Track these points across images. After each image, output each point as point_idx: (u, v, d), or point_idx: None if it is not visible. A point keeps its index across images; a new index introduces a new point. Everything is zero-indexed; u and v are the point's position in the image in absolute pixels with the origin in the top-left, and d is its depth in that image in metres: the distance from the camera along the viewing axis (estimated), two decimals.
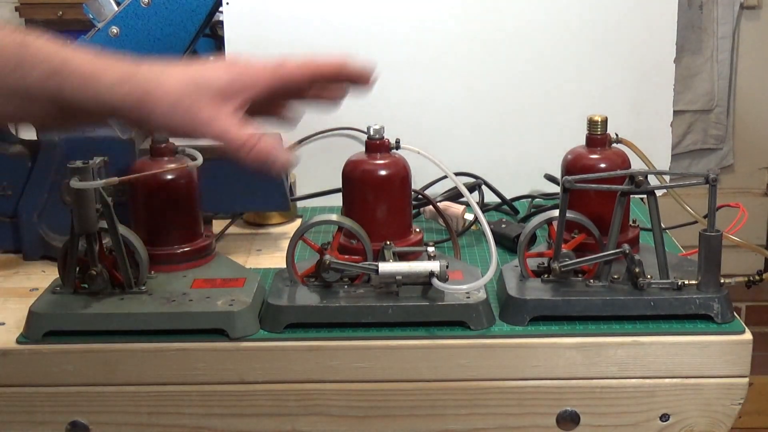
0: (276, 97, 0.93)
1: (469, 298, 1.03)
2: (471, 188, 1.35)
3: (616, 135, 1.16)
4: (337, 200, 1.25)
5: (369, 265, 1.04)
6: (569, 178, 1.06)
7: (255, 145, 0.87)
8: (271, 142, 0.87)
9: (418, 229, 1.15)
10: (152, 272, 1.10)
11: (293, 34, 1.44)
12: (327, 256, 1.05)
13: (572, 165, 1.14)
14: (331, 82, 0.94)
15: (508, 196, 1.43)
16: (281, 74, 0.90)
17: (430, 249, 1.08)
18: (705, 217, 1.07)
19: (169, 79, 0.85)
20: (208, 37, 1.70)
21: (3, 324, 1.07)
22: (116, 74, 0.85)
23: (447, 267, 1.03)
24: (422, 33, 1.45)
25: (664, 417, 1.04)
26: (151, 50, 1.59)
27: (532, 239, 1.14)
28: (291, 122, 0.95)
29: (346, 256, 1.08)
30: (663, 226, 1.13)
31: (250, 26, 1.43)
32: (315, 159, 1.46)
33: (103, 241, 1.06)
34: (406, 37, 1.44)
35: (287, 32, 1.44)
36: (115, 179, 1.04)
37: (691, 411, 1.03)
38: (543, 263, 1.09)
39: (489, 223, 1.08)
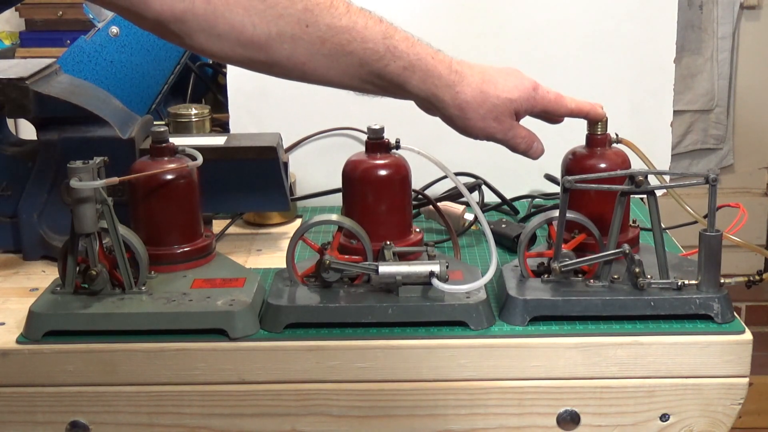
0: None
1: (469, 298, 1.04)
2: (471, 188, 1.35)
3: (616, 135, 1.16)
4: (337, 200, 1.25)
5: (369, 265, 1.04)
6: (569, 178, 1.06)
7: (533, 142, 1.10)
8: (536, 138, 1.10)
9: (418, 229, 1.15)
10: (152, 272, 1.10)
11: None
12: (327, 256, 1.05)
13: (572, 165, 1.14)
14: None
15: (508, 196, 1.43)
16: (555, 109, 1.10)
17: (430, 249, 1.08)
18: (705, 217, 1.07)
19: (488, 94, 1.05)
20: None
21: (3, 324, 1.07)
22: (451, 78, 1.04)
23: (447, 267, 1.03)
24: (422, 33, 1.44)
25: (664, 417, 1.04)
26: (151, 50, 1.59)
27: (532, 239, 1.14)
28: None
29: (346, 256, 1.08)
30: (663, 226, 1.13)
31: None
32: (315, 159, 1.46)
33: (103, 241, 1.06)
34: None
35: None
36: (115, 179, 1.04)
37: (691, 411, 1.03)
38: (543, 263, 1.09)
39: (489, 223, 1.09)
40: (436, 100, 1.05)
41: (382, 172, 1.11)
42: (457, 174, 1.17)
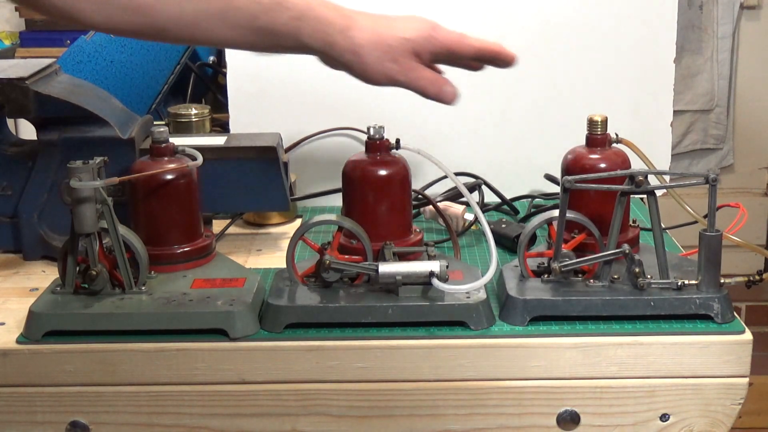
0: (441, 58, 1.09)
1: (469, 298, 1.04)
2: (471, 188, 1.35)
3: (616, 135, 1.16)
4: (337, 200, 1.25)
5: (369, 265, 1.04)
6: (569, 178, 1.06)
7: (443, 85, 1.06)
8: (445, 81, 1.07)
9: (418, 229, 1.16)
10: (152, 272, 1.10)
11: None
12: (327, 256, 1.05)
13: (572, 165, 1.14)
14: (482, 61, 1.11)
15: (508, 196, 1.43)
16: (458, 48, 1.06)
17: (430, 249, 1.08)
18: (705, 217, 1.07)
19: (382, 35, 1.02)
20: None
21: (3, 324, 1.07)
22: (343, 23, 1.02)
23: (447, 267, 1.03)
24: None
25: (664, 417, 1.04)
26: (151, 50, 1.59)
27: (532, 239, 1.14)
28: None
29: (346, 256, 1.08)
30: (663, 226, 1.13)
31: None
32: (315, 159, 1.46)
33: (103, 241, 1.06)
34: None
35: None
36: (115, 179, 1.04)
37: (691, 411, 1.03)
38: (543, 263, 1.09)
39: (489, 223, 1.09)
40: (330, 48, 1.02)
41: (382, 172, 1.11)
42: (457, 174, 1.17)
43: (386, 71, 1.04)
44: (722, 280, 1.04)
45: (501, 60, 1.08)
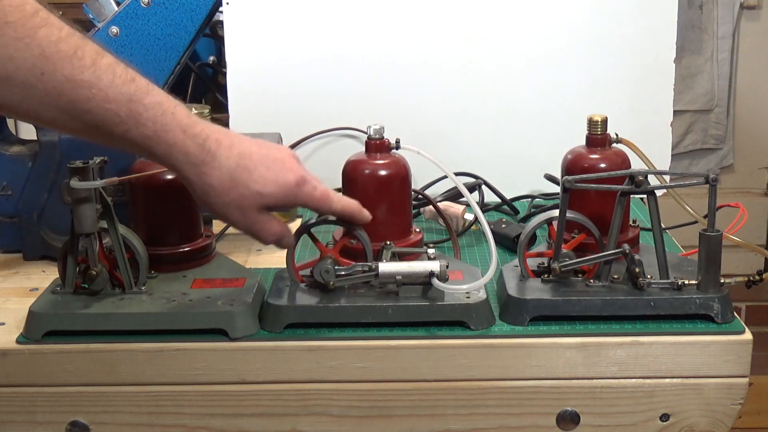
0: None
1: (469, 298, 1.03)
2: (471, 188, 1.35)
3: (616, 135, 1.16)
4: None
5: (369, 265, 1.04)
6: (569, 178, 1.06)
7: (281, 239, 1.03)
8: (287, 233, 1.03)
9: (418, 229, 1.15)
10: (152, 272, 1.10)
11: (293, 34, 1.44)
12: (326, 256, 1.05)
13: (572, 165, 1.14)
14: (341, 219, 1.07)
15: (508, 196, 1.43)
16: (319, 208, 1.04)
17: (430, 249, 1.08)
18: (705, 217, 1.07)
19: (238, 182, 0.96)
20: (208, 37, 1.70)
21: (3, 324, 1.07)
22: (200, 157, 0.95)
23: (447, 267, 1.03)
24: (422, 33, 1.45)
25: (664, 417, 1.04)
26: (151, 50, 1.59)
27: (532, 239, 1.14)
28: None
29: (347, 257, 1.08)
30: (663, 226, 1.12)
31: (250, 26, 1.43)
32: (315, 159, 1.46)
33: (103, 241, 1.06)
34: (406, 38, 1.44)
35: (287, 32, 1.44)
36: (115, 179, 1.04)
37: (691, 411, 1.03)
38: (543, 263, 1.09)
39: (489, 223, 1.08)
40: (180, 177, 0.96)
41: (382, 172, 1.11)
42: (457, 174, 1.17)
43: (230, 217, 0.99)
44: (722, 280, 1.04)
45: (357, 221, 1.06)
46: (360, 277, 1.04)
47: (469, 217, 1.32)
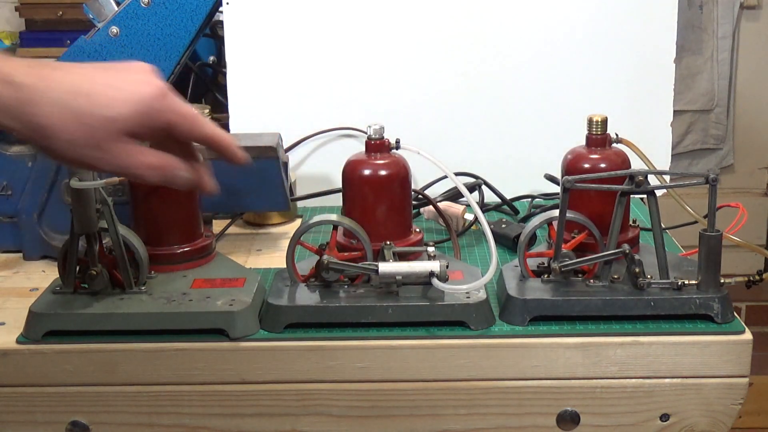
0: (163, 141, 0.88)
1: (469, 298, 1.03)
2: (471, 188, 1.35)
3: (616, 135, 1.16)
4: (337, 200, 1.25)
5: (369, 265, 1.04)
6: (569, 178, 1.06)
7: (171, 171, 0.86)
8: (177, 165, 0.86)
9: (418, 229, 1.15)
10: (152, 272, 1.10)
11: (293, 34, 1.44)
12: (326, 256, 1.05)
13: (572, 165, 1.14)
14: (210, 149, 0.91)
15: (508, 196, 1.43)
16: (187, 127, 0.86)
17: (430, 249, 1.08)
18: (705, 217, 1.07)
19: (79, 113, 0.79)
20: (208, 37, 1.70)
21: (3, 324, 1.07)
22: (16, 97, 0.78)
23: (447, 267, 1.03)
24: (422, 33, 1.45)
25: (664, 417, 1.04)
26: (151, 50, 1.59)
27: (532, 239, 1.14)
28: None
29: (346, 254, 1.08)
30: (663, 226, 1.13)
31: (250, 26, 1.43)
32: (315, 159, 1.46)
33: (103, 241, 1.06)
34: (406, 38, 1.44)
35: (287, 32, 1.44)
36: (115, 179, 1.04)
37: (691, 411, 1.03)
38: (543, 263, 1.09)
39: (489, 223, 1.08)
40: (16, 134, 0.80)
41: (382, 172, 1.11)
42: (457, 174, 1.17)
43: (85, 159, 0.80)
44: (722, 280, 1.04)
45: (229, 157, 0.89)
46: (359, 269, 1.04)
47: (469, 217, 1.32)
